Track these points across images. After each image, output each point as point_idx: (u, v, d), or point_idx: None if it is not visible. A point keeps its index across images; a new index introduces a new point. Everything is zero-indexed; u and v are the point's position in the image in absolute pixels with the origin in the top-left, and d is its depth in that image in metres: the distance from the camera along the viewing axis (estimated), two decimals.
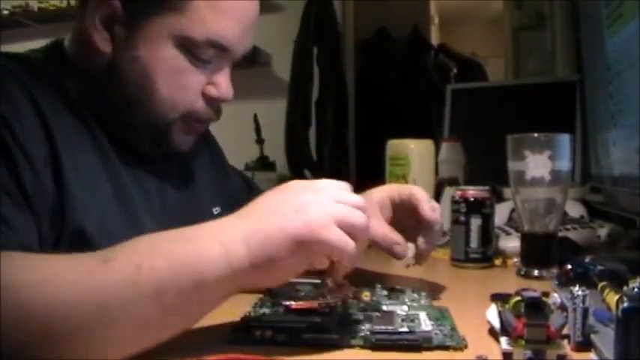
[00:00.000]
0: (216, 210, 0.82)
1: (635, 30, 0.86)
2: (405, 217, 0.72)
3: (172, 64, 0.66)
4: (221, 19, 0.66)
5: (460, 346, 0.46)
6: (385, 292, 0.63)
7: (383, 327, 0.48)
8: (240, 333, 0.48)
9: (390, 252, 0.69)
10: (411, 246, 0.72)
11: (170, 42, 0.65)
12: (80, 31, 0.68)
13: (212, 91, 0.69)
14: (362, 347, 0.46)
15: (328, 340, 0.46)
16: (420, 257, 0.72)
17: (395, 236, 0.69)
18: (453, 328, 0.50)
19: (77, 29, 0.70)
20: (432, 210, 0.70)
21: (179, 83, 0.67)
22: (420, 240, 0.70)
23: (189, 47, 0.66)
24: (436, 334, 0.48)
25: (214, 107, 0.71)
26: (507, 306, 0.47)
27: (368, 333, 0.48)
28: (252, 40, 0.73)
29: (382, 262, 0.82)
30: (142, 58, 0.65)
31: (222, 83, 0.70)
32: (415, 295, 0.62)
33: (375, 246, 0.70)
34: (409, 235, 0.72)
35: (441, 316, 0.53)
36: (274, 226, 0.47)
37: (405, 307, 0.56)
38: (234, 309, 0.54)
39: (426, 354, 0.45)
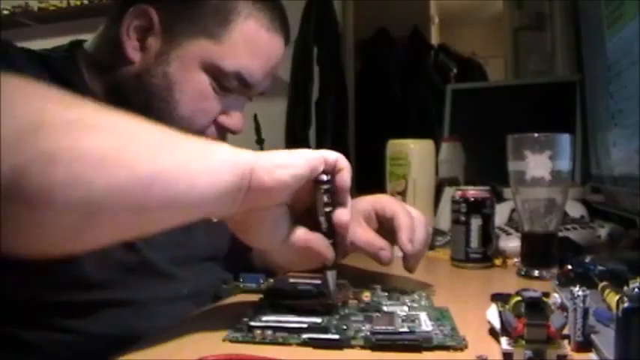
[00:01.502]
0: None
1: (635, 30, 0.86)
2: (386, 230, 0.71)
3: (198, 87, 0.69)
4: (251, 57, 0.71)
5: (460, 346, 0.45)
6: (385, 293, 0.63)
7: (383, 327, 0.48)
8: (241, 333, 0.48)
9: (374, 257, 0.68)
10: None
11: (200, 66, 0.69)
12: (110, 36, 0.70)
13: (225, 120, 0.73)
14: (362, 347, 0.46)
15: (329, 340, 0.46)
16: (407, 268, 0.70)
17: (379, 242, 0.68)
18: (454, 329, 0.50)
19: (106, 33, 0.72)
20: (410, 241, 0.67)
21: (199, 106, 0.70)
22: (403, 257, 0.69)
23: (216, 75, 0.69)
24: (436, 334, 0.48)
25: (221, 136, 0.74)
26: (507, 306, 0.47)
27: (368, 333, 0.47)
28: (270, 83, 0.77)
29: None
30: (172, 75, 0.68)
31: (235, 116, 0.74)
32: (415, 296, 0.62)
33: (360, 251, 0.69)
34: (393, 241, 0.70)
35: (441, 317, 0.53)
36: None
37: (406, 308, 0.56)
38: (234, 309, 0.54)
39: (426, 354, 0.45)
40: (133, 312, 0.65)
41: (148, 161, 0.43)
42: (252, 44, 0.71)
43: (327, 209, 0.55)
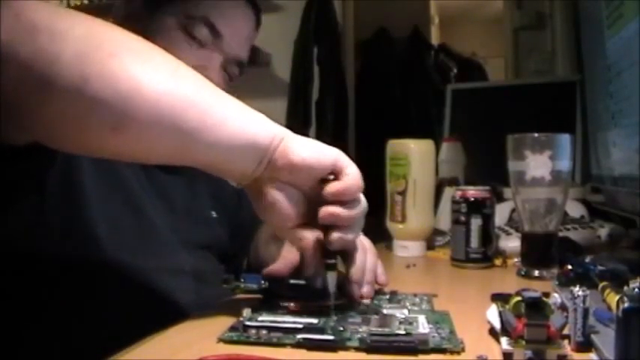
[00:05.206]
0: (213, 214, 0.87)
1: (635, 30, 0.86)
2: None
3: (168, 35, 0.74)
4: (220, 9, 0.77)
5: (457, 349, 0.45)
6: (387, 296, 0.63)
7: (380, 329, 0.48)
8: (235, 332, 0.48)
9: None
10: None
11: (174, 22, 0.75)
12: None
13: (199, 70, 0.75)
14: (357, 349, 0.46)
15: (323, 341, 0.46)
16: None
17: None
18: (452, 332, 0.49)
19: None
20: (359, 286, 0.59)
21: (168, 48, 0.73)
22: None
23: (186, 25, 0.75)
24: (433, 336, 0.47)
25: None
26: (508, 306, 0.47)
27: (364, 335, 0.47)
28: (247, 54, 0.82)
29: (382, 264, 0.82)
30: (148, 32, 0.73)
31: (209, 67, 0.76)
32: (417, 300, 0.62)
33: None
34: None
35: (440, 320, 0.53)
36: None
37: (405, 311, 0.56)
38: (235, 309, 0.54)
39: (422, 357, 0.45)
40: (139, 278, 0.68)
41: (192, 88, 0.49)
42: (222, 8, 0.78)
43: None
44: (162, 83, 0.47)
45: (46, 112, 0.44)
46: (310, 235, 0.53)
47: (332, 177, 0.53)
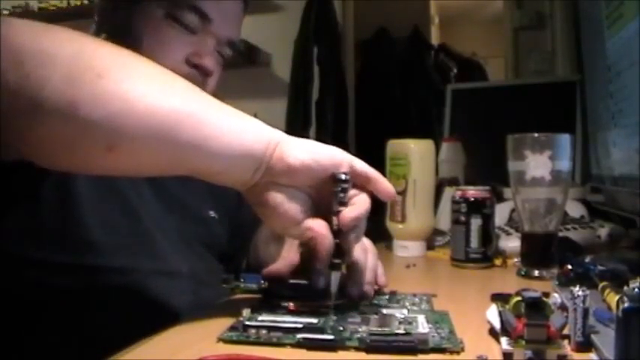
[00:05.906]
0: (211, 213, 0.86)
1: (635, 30, 0.86)
2: None
3: (158, 26, 0.73)
4: None
5: (457, 349, 0.45)
6: (387, 296, 0.63)
7: (379, 329, 0.48)
8: (235, 332, 0.48)
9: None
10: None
11: (161, 12, 0.73)
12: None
13: (195, 58, 0.75)
14: (357, 349, 0.45)
15: (322, 340, 0.46)
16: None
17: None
18: (452, 331, 0.49)
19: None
20: (359, 286, 0.59)
21: (161, 39, 0.74)
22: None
23: (174, 14, 0.73)
24: (433, 336, 0.47)
25: (195, 76, 0.75)
26: (507, 306, 0.47)
27: (364, 335, 0.47)
28: (238, 33, 0.80)
29: (382, 264, 0.82)
30: (135, 22, 0.74)
31: (203, 53, 0.75)
32: (416, 299, 0.62)
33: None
34: None
35: (440, 320, 0.53)
36: None
37: (405, 311, 0.56)
38: (232, 309, 0.54)
39: (421, 357, 0.44)
40: (136, 281, 0.68)
41: (184, 99, 0.48)
42: None
43: (341, 208, 0.53)
44: (155, 98, 0.46)
45: (38, 135, 0.43)
46: (317, 223, 0.52)
47: (344, 176, 0.52)
